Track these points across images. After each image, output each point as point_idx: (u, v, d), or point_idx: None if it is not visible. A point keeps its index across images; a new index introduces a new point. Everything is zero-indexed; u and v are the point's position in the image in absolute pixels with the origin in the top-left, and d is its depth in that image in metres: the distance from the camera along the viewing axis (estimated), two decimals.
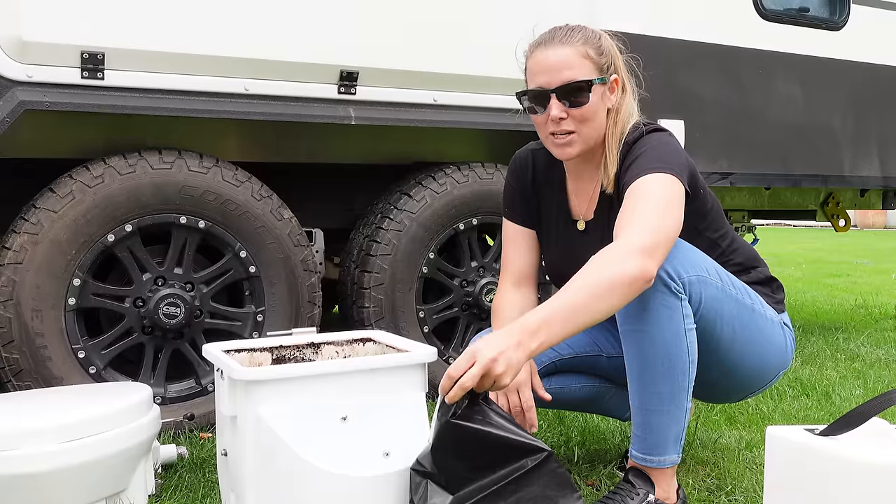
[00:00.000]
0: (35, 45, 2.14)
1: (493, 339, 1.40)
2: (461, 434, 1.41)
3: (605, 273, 1.48)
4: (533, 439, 1.42)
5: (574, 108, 1.71)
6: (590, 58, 1.72)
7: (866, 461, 1.39)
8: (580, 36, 1.73)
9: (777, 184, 3.60)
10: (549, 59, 1.71)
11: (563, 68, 1.70)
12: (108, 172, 2.30)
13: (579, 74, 1.70)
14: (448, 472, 1.44)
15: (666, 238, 1.56)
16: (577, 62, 1.71)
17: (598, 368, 1.98)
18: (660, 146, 1.70)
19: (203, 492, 1.91)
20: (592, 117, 1.73)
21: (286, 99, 2.47)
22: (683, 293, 1.61)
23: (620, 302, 1.50)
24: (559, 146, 1.76)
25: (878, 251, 12.19)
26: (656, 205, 1.59)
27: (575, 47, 1.71)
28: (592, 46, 1.73)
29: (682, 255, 1.64)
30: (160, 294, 2.39)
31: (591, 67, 1.72)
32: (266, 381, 1.52)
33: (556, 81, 1.70)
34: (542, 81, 1.72)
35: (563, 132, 1.73)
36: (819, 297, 6.19)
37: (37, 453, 1.61)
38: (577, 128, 1.73)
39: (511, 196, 1.96)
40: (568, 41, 1.72)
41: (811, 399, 2.80)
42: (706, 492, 1.91)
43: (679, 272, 1.61)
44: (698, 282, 1.64)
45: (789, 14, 3.48)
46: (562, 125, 1.72)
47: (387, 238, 2.72)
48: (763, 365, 1.82)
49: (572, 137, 1.74)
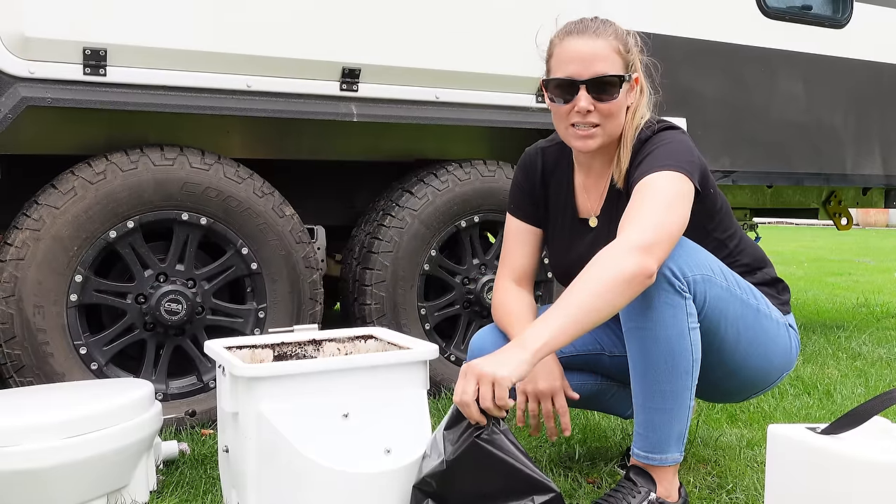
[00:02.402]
0: (37, 41, 2.14)
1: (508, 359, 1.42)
2: (483, 456, 1.41)
3: (606, 272, 1.48)
4: (545, 478, 1.42)
5: (602, 102, 1.70)
6: (620, 53, 1.71)
7: (868, 460, 1.39)
8: (612, 30, 1.72)
9: (779, 182, 3.59)
10: (581, 49, 1.69)
11: (596, 60, 1.68)
12: (110, 169, 2.30)
13: (611, 69, 1.69)
14: (458, 495, 1.43)
15: (668, 235, 1.56)
16: (610, 56, 1.69)
17: (601, 367, 1.98)
18: (672, 143, 1.70)
19: (204, 488, 1.91)
20: (618, 113, 1.72)
21: (288, 96, 2.47)
22: (688, 291, 1.61)
23: (623, 300, 1.50)
24: (581, 138, 1.74)
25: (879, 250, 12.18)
26: (661, 202, 1.58)
27: (608, 41, 1.70)
28: (622, 42, 1.72)
29: (686, 254, 1.63)
30: (162, 290, 2.39)
31: (620, 63, 1.71)
32: (267, 378, 1.52)
33: (588, 73, 1.69)
34: (573, 71, 1.69)
35: (588, 124, 1.72)
36: (821, 295, 6.19)
37: (39, 449, 1.61)
38: (602, 122, 1.72)
39: (519, 193, 1.96)
40: (602, 33, 1.70)
41: (813, 398, 2.80)
42: (707, 490, 1.91)
43: (683, 271, 1.61)
44: (703, 281, 1.63)
45: (792, 12, 3.48)
46: (588, 118, 1.71)
47: (388, 235, 2.72)
48: (767, 366, 1.82)
49: (595, 131, 1.73)
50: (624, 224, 1.58)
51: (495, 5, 2.72)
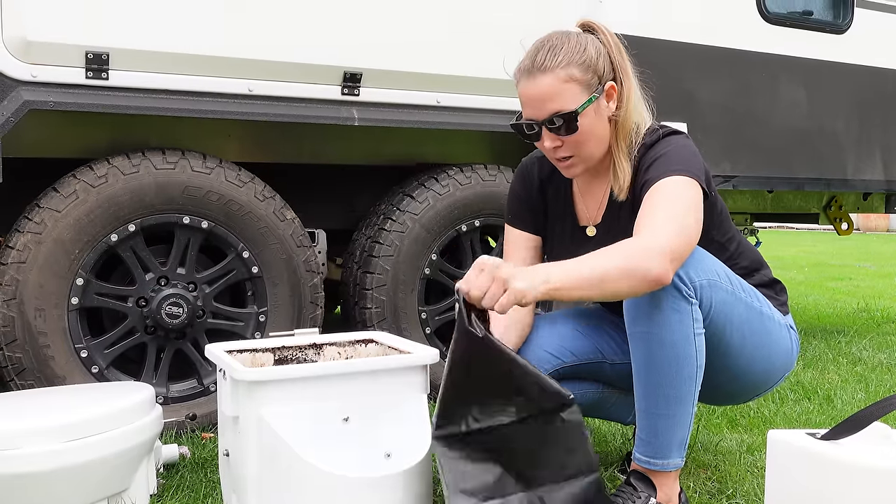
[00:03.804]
0: (39, 44, 2.14)
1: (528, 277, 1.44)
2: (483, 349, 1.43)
3: (630, 263, 1.49)
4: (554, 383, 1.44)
5: (566, 135, 1.68)
6: (574, 80, 1.65)
7: (868, 465, 1.39)
8: (562, 56, 1.65)
9: (780, 187, 3.60)
10: (530, 92, 1.67)
11: (546, 101, 1.65)
12: (111, 172, 2.31)
13: (565, 104, 1.65)
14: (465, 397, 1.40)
15: (690, 243, 1.58)
16: (560, 89, 1.64)
17: (602, 375, 1.98)
18: (680, 148, 1.70)
19: (205, 492, 1.91)
20: (588, 139, 1.70)
21: (289, 100, 2.47)
22: (694, 297, 1.61)
23: (629, 294, 1.53)
24: (563, 169, 1.77)
25: (880, 255, 12.18)
26: (683, 208, 1.59)
27: (556, 73, 1.64)
28: (576, 65, 1.65)
29: (694, 260, 1.63)
30: (163, 294, 2.39)
31: (577, 91, 1.65)
32: (268, 382, 1.52)
33: (542, 115, 1.67)
34: (530, 113, 1.69)
35: (562, 157, 1.73)
36: (821, 300, 6.19)
37: (39, 452, 1.61)
38: (574, 151, 1.71)
39: (516, 203, 1.95)
40: (549, 66, 1.64)
41: (813, 403, 2.80)
42: (707, 495, 1.91)
43: (691, 276, 1.61)
44: (709, 286, 1.64)
45: (793, 17, 3.48)
46: (558, 152, 1.72)
47: (389, 239, 2.72)
48: (770, 367, 1.82)
49: (572, 160, 1.73)
50: (646, 223, 1.58)
51: (495, 10, 2.72)
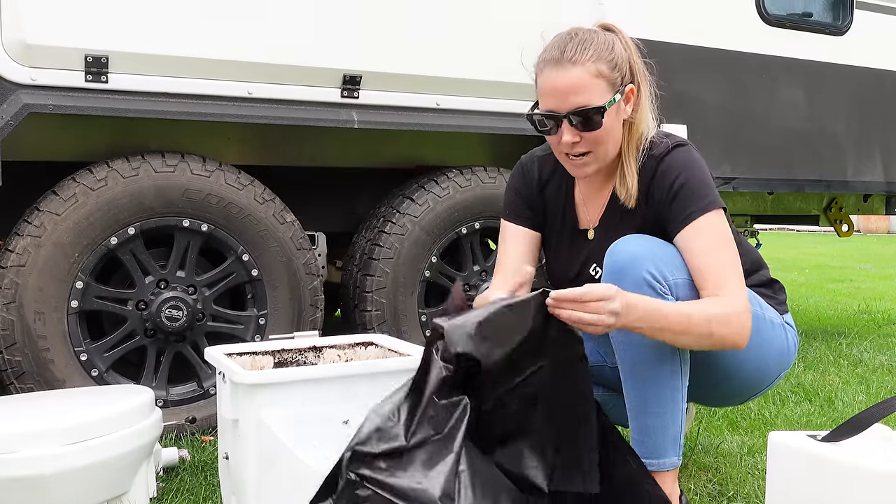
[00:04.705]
0: (39, 48, 2.14)
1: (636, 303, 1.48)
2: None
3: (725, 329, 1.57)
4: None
5: (587, 131, 1.65)
6: (602, 76, 1.62)
7: (869, 468, 1.39)
8: (592, 51, 1.62)
9: (780, 189, 3.60)
10: (557, 83, 1.62)
11: (574, 93, 1.60)
12: (111, 175, 2.30)
13: (592, 99, 1.61)
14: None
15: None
16: (589, 84, 1.61)
17: (603, 378, 1.97)
18: (696, 168, 1.68)
19: (204, 495, 1.91)
20: (607, 138, 1.67)
21: (289, 103, 2.47)
22: (669, 294, 1.60)
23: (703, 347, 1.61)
24: (576, 166, 1.72)
25: (881, 256, 12.17)
26: (733, 253, 1.65)
27: (586, 67, 1.60)
28: (605, 61, 1.62)
29: (668, 258, 1.63)
30: (162, 297, 2.39)
31: (604, 87, 1.62)
32: (268, 385, 1.52)
33: (567, 107, 1.62)
34: (553, 105, 1.64)
35: (578, 153, 1.68)
36: (822, 302, 6.18)
37: (39, 456, 1.61)
38: (593, 148, 1.68)
39: (516, 199, 1.92)
40: (578, 59, 1.61)
41: (814, 405, 2.80)
42: (708, 497, 1.91)
43: (664, 274, 1.60)
44: (685, 285, 1.63)
45: (792, 19, 3.48)
46: (575, 148, 1.67)
47: (389, 242, 2.72)
48: (763, 367, 1.81)
49: (587, 158, 1.69)
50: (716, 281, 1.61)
51: (496, 12, 2.72)
